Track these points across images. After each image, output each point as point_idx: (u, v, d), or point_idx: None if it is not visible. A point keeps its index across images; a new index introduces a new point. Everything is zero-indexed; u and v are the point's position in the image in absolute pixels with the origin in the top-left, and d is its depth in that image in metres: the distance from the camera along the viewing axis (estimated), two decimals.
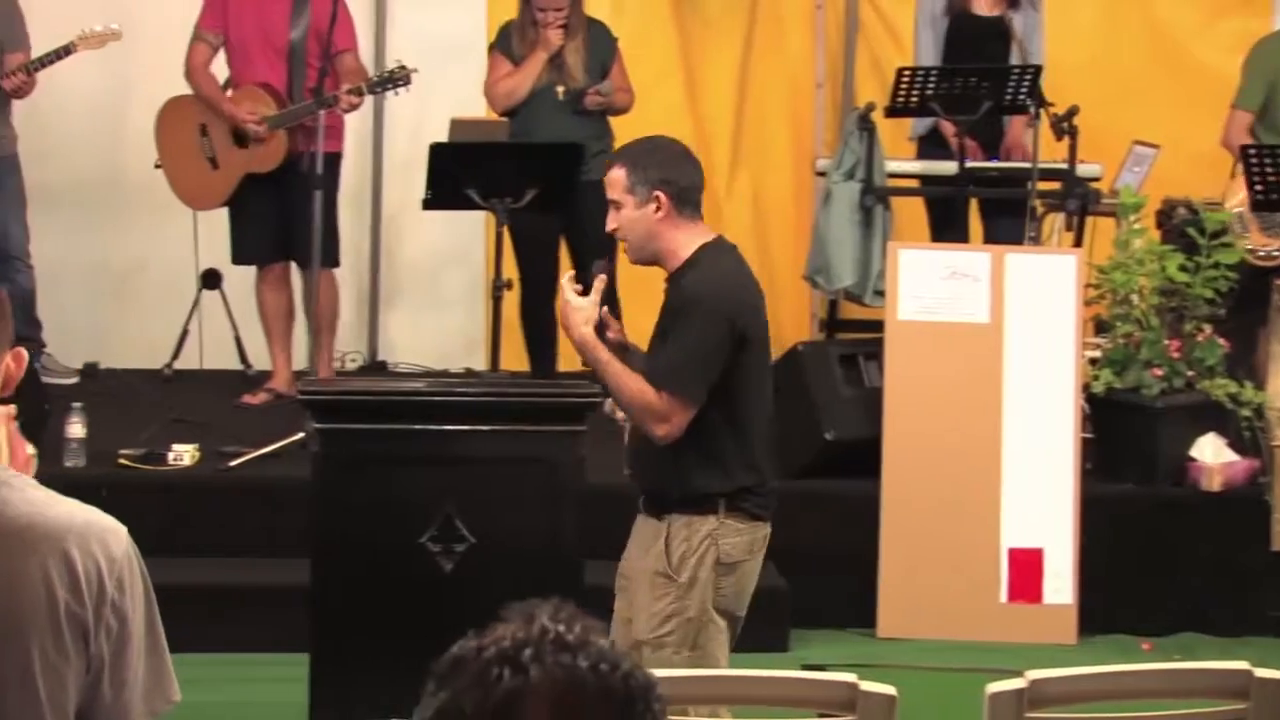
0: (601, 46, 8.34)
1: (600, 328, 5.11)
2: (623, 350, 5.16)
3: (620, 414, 7.88)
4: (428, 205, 7.69)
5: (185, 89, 8.30)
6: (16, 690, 2.70)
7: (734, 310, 5.07)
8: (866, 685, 3.66)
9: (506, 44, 8.32)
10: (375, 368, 9.57)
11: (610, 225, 5.15)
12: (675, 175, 5.11)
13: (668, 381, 4.98)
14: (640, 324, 5.42)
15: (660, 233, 5.09)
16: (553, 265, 8.30)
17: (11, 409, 2.89)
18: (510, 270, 7.49)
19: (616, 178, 5.11)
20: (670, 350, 5.04)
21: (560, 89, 8.21)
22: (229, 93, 8.23)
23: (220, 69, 8.34)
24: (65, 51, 8.24)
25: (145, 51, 8.96)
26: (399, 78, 7.94)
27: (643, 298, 6.07)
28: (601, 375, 5.07)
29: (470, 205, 7.53)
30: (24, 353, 2.88)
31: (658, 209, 5.06)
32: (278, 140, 8.03)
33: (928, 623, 7.22)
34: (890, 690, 3.68)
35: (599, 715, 1.90)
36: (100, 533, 2.78)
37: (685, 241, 5.11)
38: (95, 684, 2.76)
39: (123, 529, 2.82)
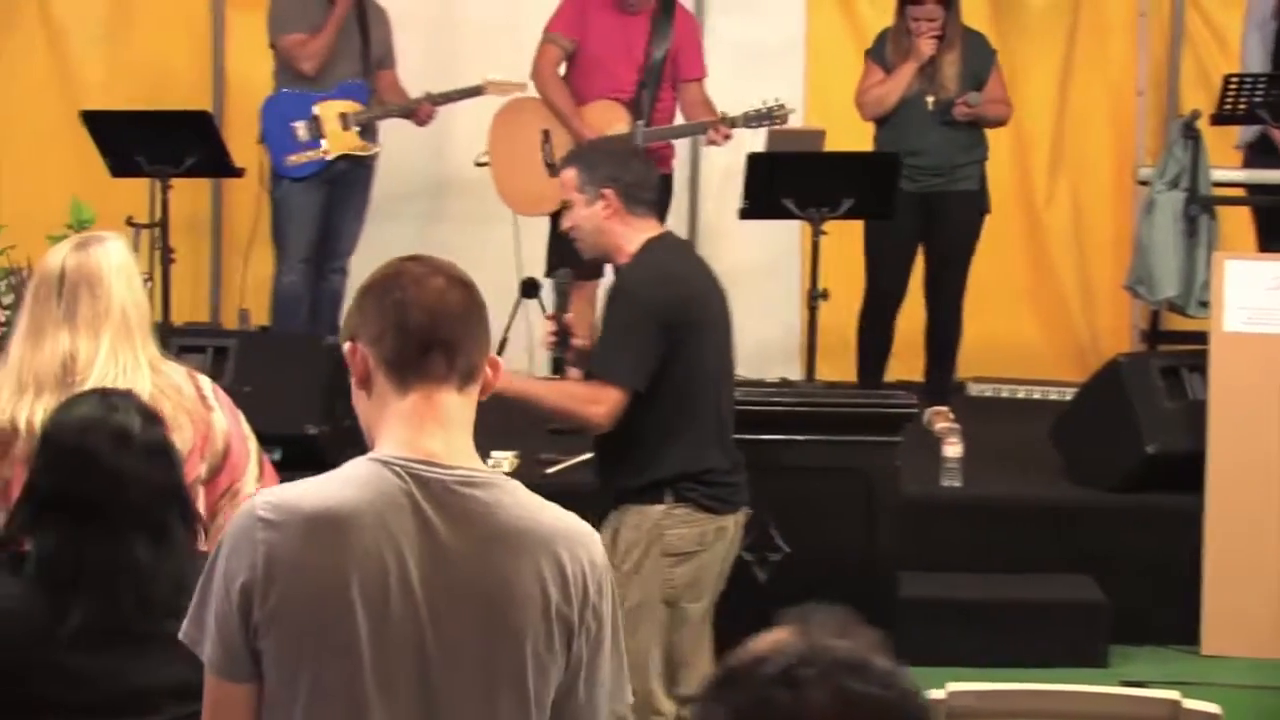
0: (978, 57, 8.21)
1: (566, 336, 5.40)
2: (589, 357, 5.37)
3: (937, 425, 7.87)
4: (744, 215, 7.69)
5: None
6: (509, 684, 2.80)
7: (666, 301, 5.23)
8: (1190, 704, 3.59)
9: (880, 52, 8.21)
10: None
11: (564, 224, 5.40)
12: (622, 173, 5.32)
13: (595, 366, 5.23)
14: None
15: (608, 229, 5.31)
16: (904, 276, 8.26)
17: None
18: (828, 279, 7.46)
19: (568, 178, 5.36)
20: (600, 337, 5.29)
21: (930, 99, 8.12)
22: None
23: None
24: (475, 92, 8.44)
25: (470, 57, 9.14)
26: (777, 115, 7.93)
27: None
28: (530, 403, 5.30)
29: (787, 215, 7.52)
30: (499, 360, 2.98)
31: (606, 206, 5.28)
32: None
33: (1253, 641, 7.04)
34: (1215, 709, 3.60)
35: None
36: (584, 538, 2.90)
37: (632, 237, 5.31)
38: (572, 683, 2.87)
39: (598, 536, 2.95)
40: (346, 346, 2.93)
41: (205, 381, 4.34)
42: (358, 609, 2.75)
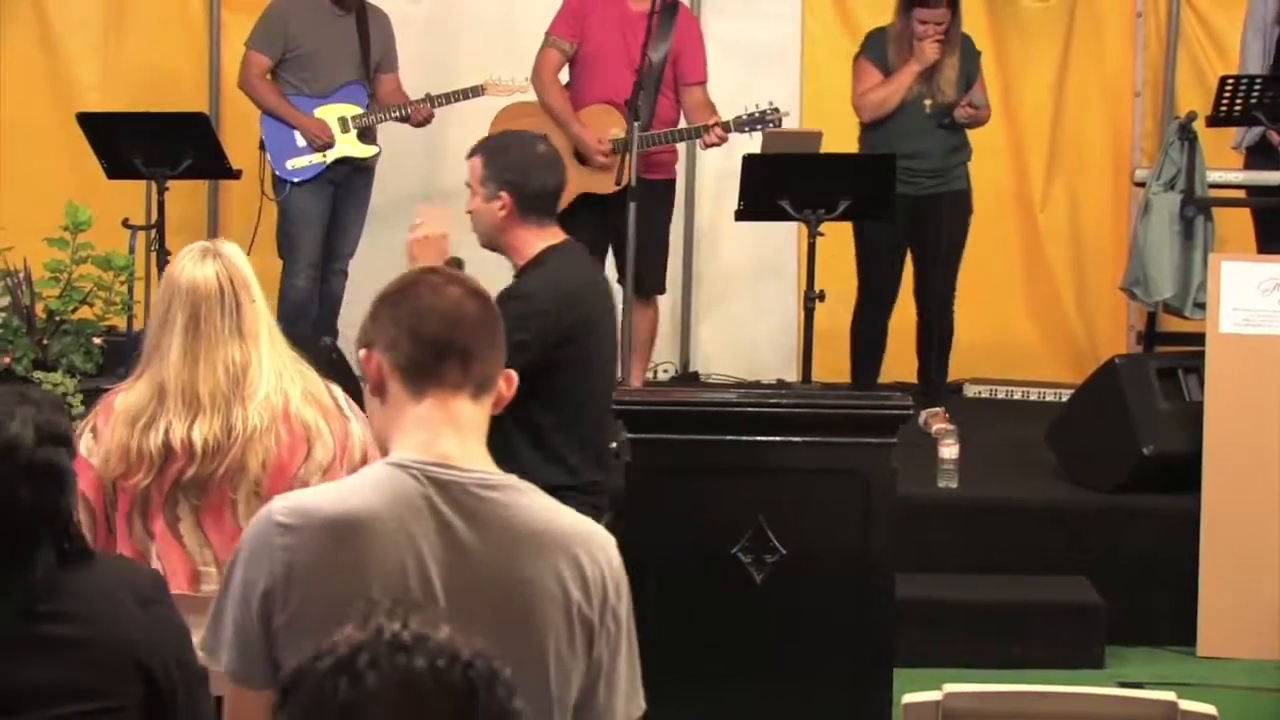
0: (968, 59, 8.21)
1: None
2: None
3: (933, 427, 7.86)
4: (740, 216, 7.69)
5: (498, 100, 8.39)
6: (532, 685, 2.79)
7: (559, 318, 5.38)
8: (1186, 705, 3.58)
9: (878, 53, 8.17)
10: (687, 378, 9.62)
11: (466, 208, 5.53)
12: (523, 181, 5.42)
13: None
14: None
15: (504, 229, 5.43)
16: (896, 277, 8.26)
17: None
18: (823, 281, 7.45)
19: (474, 165, 5.46)
20: None
21: (928, 102, 8.11)
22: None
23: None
24: (474, 92, 8.44)
25: (465, 57, 9.14)
26: (770, 119, 7.92)
27: None
28: None
29: (783, 216, 7.52)
30: (514, 375, 2.98)
31: (502, 207, 5.39)
32: (617, 162, 7.85)
33: (1250, 642, 7.03)
34: (1211, 710, 3.59)
35: (442, 714, 1.85)
36: (602, 540, 2.93)
37: (530, 241, 5.44)
38: (593, 685, 2.88)
39: (613, 539, 2.95)
40: (361, 354, 2.94)
41: (338, 390, 4.34)
42: None
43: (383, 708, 1.84)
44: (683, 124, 8.12)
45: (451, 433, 2.87)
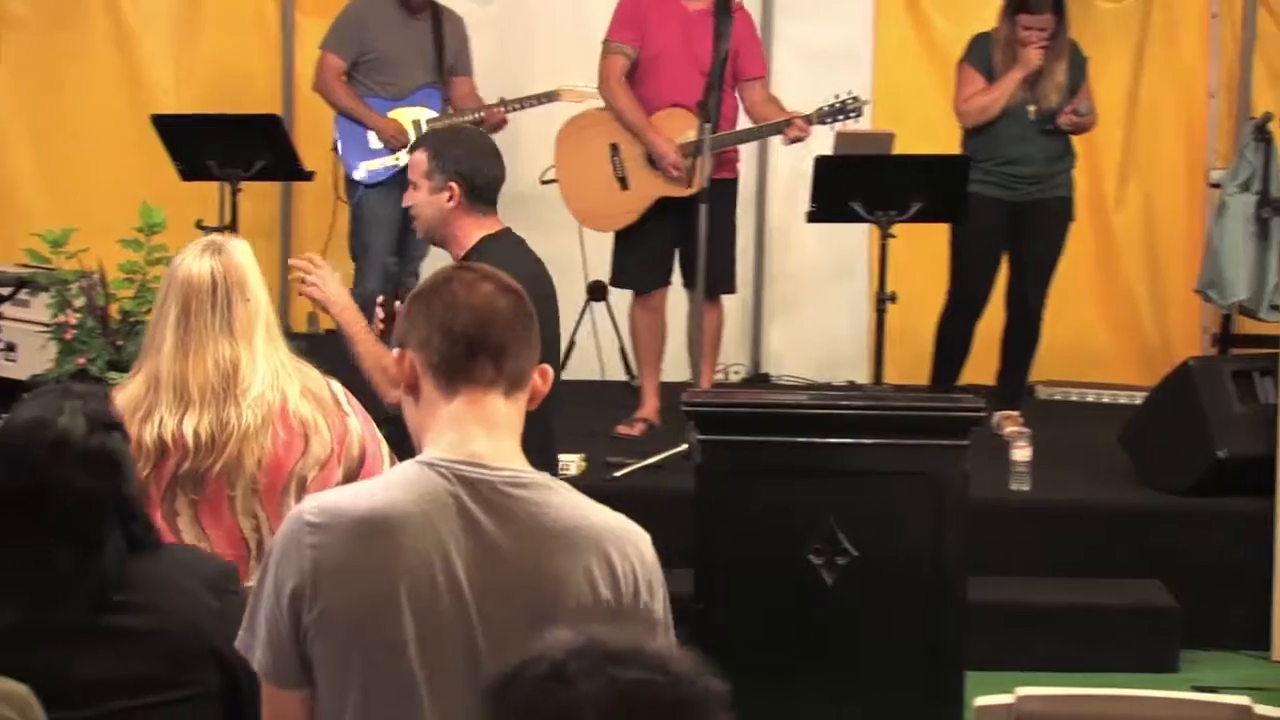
0: (1075, 66, 8.15)
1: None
2: None
3: (1006, 429, 7.83)
4: (812, 218, 7.67)
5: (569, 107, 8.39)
6: None
7: None
8: (1261, 709, 3.56)
9: (982, 59, 8.12)
10: (758, 380, 9.60)
11: (405, 201, 5.57)
12: (472, 171, 5.45)
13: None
14: None
15: (449, 220, 5.45)
16: (990, 282, 8.22)
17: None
18: (895, 283, 7.43)
19: (418, 160, 5.48)
20: None
21: (1032, 108, 8.06)
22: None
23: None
24: (548, 98, 8.43)
25: (538, 60, 9.15)
26: (851, 109, 7.88)
27: None
28: (349, 339, 5.39)
29: (855, 218, 7.50)
30: (549, 369, 2.97)
31: (450, 198, 5.42)
32: (693, 165, 7.75)
33: None
34: None
35: None
36: (634, 538, 2.91)
37: (471, 231, 5.46)
38: None
39: (648, 536, 2.94)
40: (395, 353, 2.94)
41: (337, 386, 4.33)
42: (405, 611, 2.76)
43: (594, 716, 1.85)
44: (743, 121, 8.05)
45: (483, 431, 2.87)
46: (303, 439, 4.21)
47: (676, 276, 8.14)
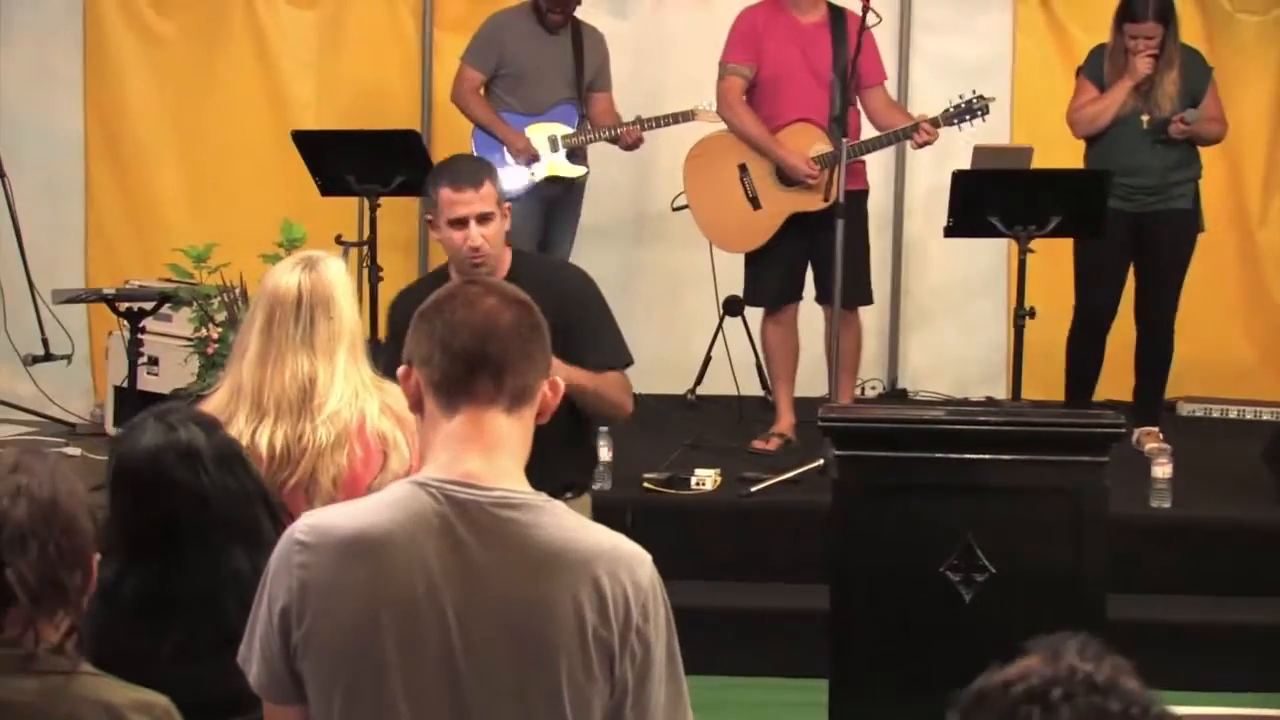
0: (1195, 75, 8.07)
1: None
2: None
3: (1147, 446, 7.75)
4: (950, 233, 7.63)
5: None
6: (544, 707, 2.76)
7: None
8: None
9: (1095, 69, 8.10)
10: (895, 395, 9.57)
11: (496, 233, 5.29)
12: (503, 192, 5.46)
13: (624, 354, 5.57)
14: None
15: (501, 241, 5.35)
16: (1115, 295, 8.15)
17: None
18: (1034, 298, 7.38)
19: (492, 193, 5.30)
20: (608, 331, 5.53)
21: (1145, 117, 8.01)
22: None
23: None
24: (684, 117, 8.46)
25: (674, 77, 9.17)
26: (978, 108, 7.83)
27: None
28: (583, 393, 5.25)
29: (993, 232, 7.45)
30: (560, 382, 2.93)
31: (505, 219, 5.35)
32: (824, 178, 7.76)
33: None
34: None
35: None
36: (628, 560, 2.83)
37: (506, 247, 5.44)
38: (619, 710, 2.81)
39: (648, 557, 2.86)
40: (401, 370, 2.90)
41: None
42: (387, 632, 2.74)
43: None
44: (867, 129, 8.01)
45: (478, 450, 2.82)
46: (381, 455, 4.24)
47: (810, 291, 8.13)
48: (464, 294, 2.88)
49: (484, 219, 5.26)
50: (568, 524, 2.83)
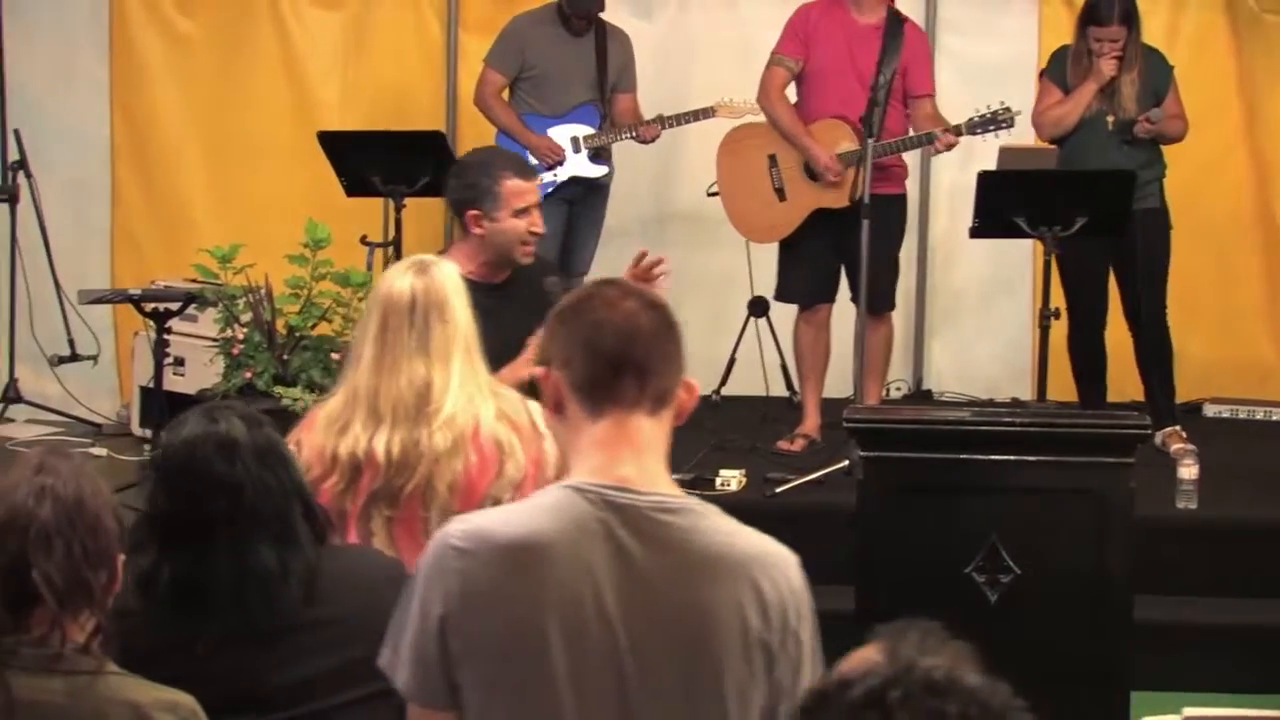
0: (1156, 75, 8.10)
1: None
2: None
3: (1172, 447, 7.74)
4: (975, 233, 7.62)
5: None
6: (710, 711, 2.78)
7: None
8: None
9: (1059, 72, 8.13)
10: (920, 396, 9.56)
11: (538, 226, 5.70)
12: None
13: None
14: None
15: None
16: (1102, 293, 8.15)
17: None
18: (1059, 299, 7.37)
19: (536, 186, 5.72)
20: None
21: (1110, 118, 8.02)
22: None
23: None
24: (705, 114, 8.49)
25: (699, 75, 9.17)
26: (1002, 119, 7.83)
27: None
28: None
29: (1018, 233, 7.44)
30: (695, 384, 2.93)
31: None
32: (850, 176, 7.76)
33: None
34: None
35: None
36: (782, 562, 2.86)
37: None
38: (775, 708, 2.82)
39: (795, 558, 2.89)
40: (539, 371, 2.89)
41: (536, 409, 4.25)
42: (554, 640, 2.73)
43: None
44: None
45: (630, 454, 2.83)
46: (497, 462, 4.22)
47: (845, 293, 8.13)
48: (602, 295, 2.87)
49: (538, 208, 5.59)
50: (723, 527, 2.85)
